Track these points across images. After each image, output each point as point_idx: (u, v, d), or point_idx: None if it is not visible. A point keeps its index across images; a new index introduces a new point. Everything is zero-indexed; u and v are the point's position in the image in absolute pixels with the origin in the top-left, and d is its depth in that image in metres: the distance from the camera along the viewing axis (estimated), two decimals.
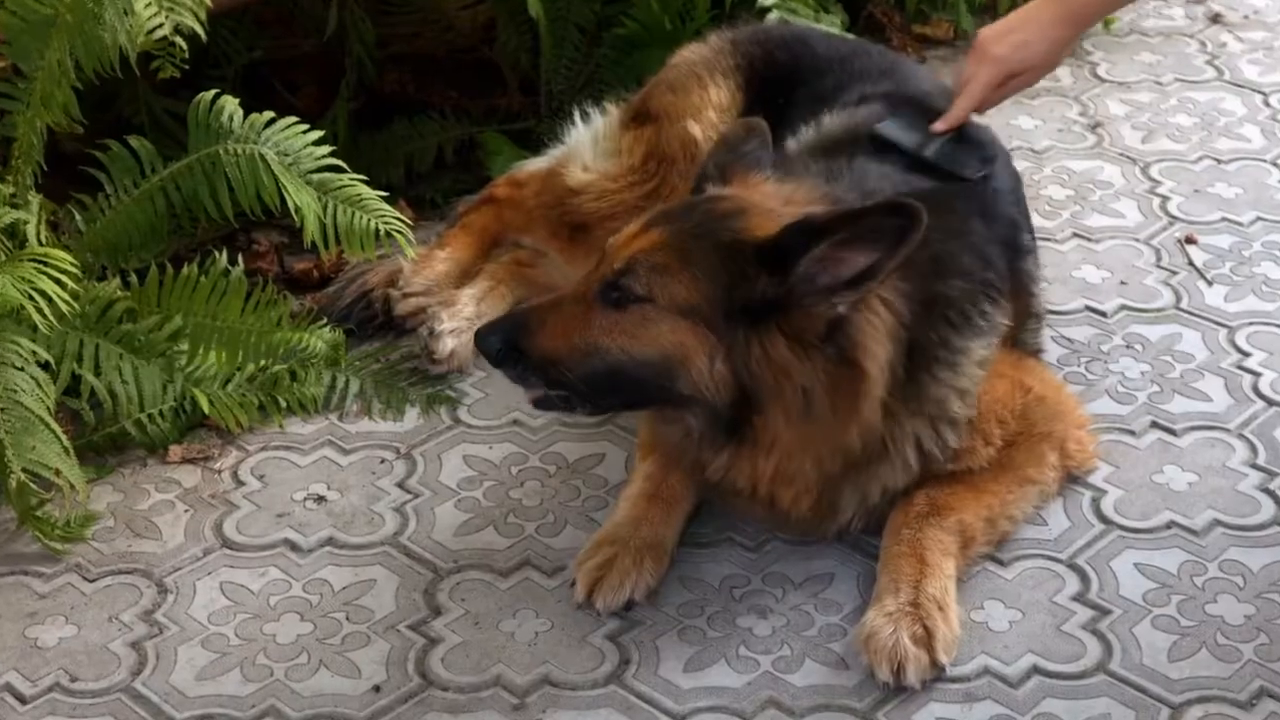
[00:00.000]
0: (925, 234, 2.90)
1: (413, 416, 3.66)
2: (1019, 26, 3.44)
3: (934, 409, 3.10)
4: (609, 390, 3.00)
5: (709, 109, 3.74)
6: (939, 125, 3.41)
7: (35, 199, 3.52)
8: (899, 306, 3.00)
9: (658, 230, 2.98)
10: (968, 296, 3.14)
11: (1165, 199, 4.32)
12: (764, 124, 3.23)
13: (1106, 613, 3.13)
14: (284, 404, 3.63)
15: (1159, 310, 3.92)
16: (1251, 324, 3.86)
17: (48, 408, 3.18)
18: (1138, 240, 4.17)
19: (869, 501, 3.16)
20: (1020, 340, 3.38)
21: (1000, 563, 3.23)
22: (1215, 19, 5.18)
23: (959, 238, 3.18)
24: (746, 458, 3.03)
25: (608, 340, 2.95)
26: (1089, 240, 4.17)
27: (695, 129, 3.72)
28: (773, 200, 3.05)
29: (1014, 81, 3.47)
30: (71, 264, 3.23)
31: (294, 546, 3.33)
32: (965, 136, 3.45)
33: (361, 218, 3.44)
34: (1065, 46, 3.46)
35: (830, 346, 2.92)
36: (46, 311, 3.13)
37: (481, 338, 3.04)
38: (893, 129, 3.38)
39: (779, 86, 3.72)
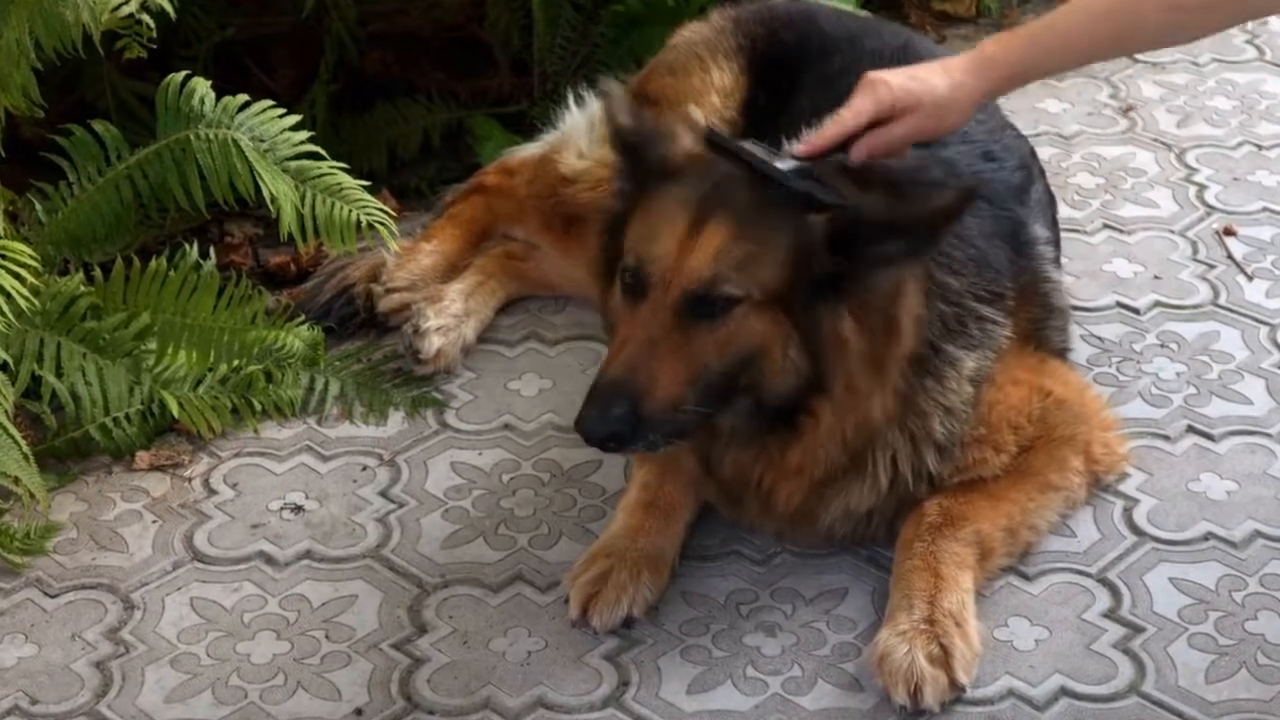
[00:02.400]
0: None
1: (397, 420, 3.67)
2: (920, 67, 3.20)
3: (915, 425, 3.13)
4: (711, 406, 2.97)
5: (711, 93, 3.75)
6: (799, 148, 3.15)
7: None
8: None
9: (721, 221, 2.94)
10: (962, 296, 3.16)
11: (1202, 188, 4.33)
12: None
13: (1139, 630, 3.13)
14: (259, 407, 3.64)
15: (1195, 307, 3.93)
16: None
17: (5, 411, 3.18)
18: (1173, 232, 4.18)
19: (834, 517, 3.19)
20: (1043, 339, 3.38)
21: (1025, 577, 3.24)
22: None
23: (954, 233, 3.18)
24: (778, 448, 3.06)
25: (712, 356, 2.94)
26: (1120, 232, 4.17)
27: (697, 114, 3.72)
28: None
29: (901, 123, 3.12)
30: (31, 257, 3.23)
31: (269, 560, 3.34)
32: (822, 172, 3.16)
33: (342, 208, 3.44)
34: (969, 93, 3.14)
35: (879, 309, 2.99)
36: (4, 308, 3.13)
37: (598, 430, 2.91)
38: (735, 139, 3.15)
39: (784, 68, 3.73)
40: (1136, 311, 3.91)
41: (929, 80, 3.13)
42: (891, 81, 3.12)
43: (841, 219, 2.95)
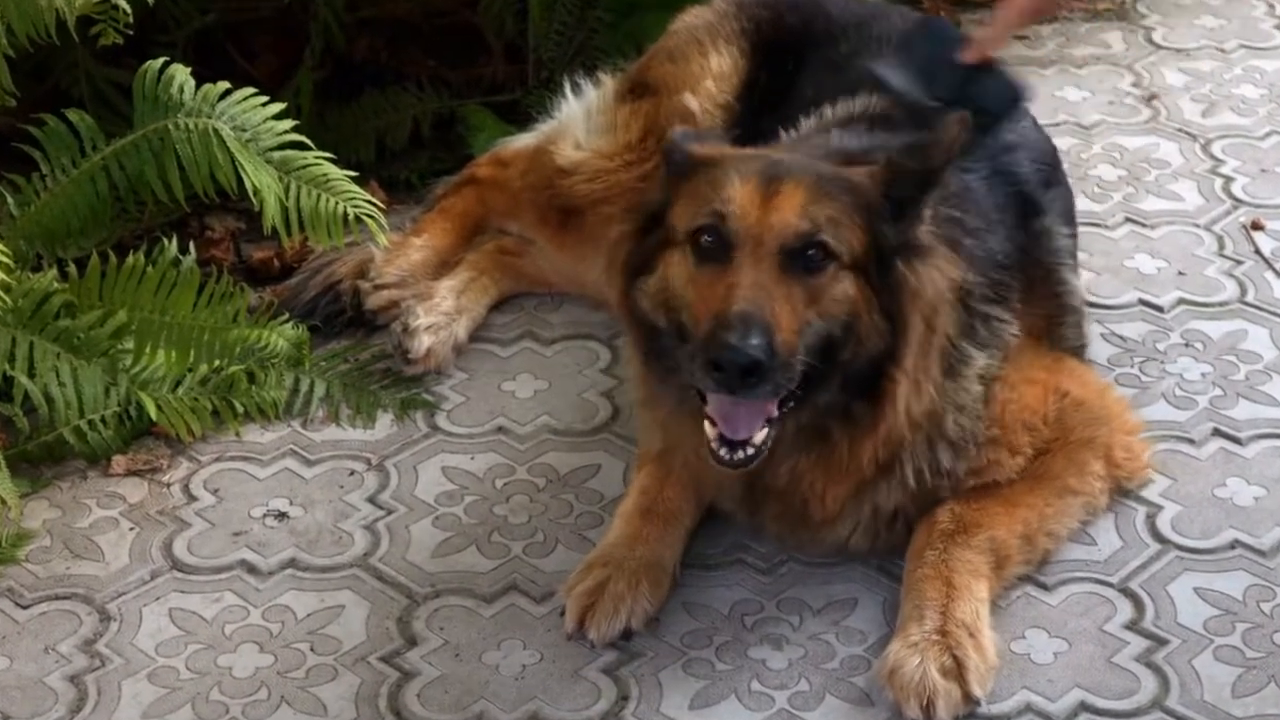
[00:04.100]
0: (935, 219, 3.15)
1: (385, 423, 3.67)
2: None
3: (929, 423, 3.14)
4: (806, 375, 2.98)
5: (707, 78, 3.76)
6: (969, 54, 3.30)
7: None
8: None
9: (797, 183, 3.01)
10: (969, 295, 3.17)
11: (1229, 180, 4.33)
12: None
13: (1163, 643, 3.13)
14: (241, 409, 3.64)
15: (1221, 304, 3.93)
16: None
17: None
18: (1198, 226, 4.18)
19: (862, 517, 3.20)
20: (1058, 337, 3.39)
21: (1044, 586, 3.24)
22: None
23: (962, 226, 3.21)
24: (845, 439, 3.09)
25: (810, 313, 2.98)
26: (1143, 226, 4.18)
27: (691, 102, 3.73)
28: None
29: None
30: (3, 253, 3.23)
31: (252, 569, 3.34)
32: (990, 72, 3.37)
33: (328, 201, 3.45)
34: None
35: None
36: None
37: (743, 356, 2.85)
38: (893, 75, 3.27)
39: (788, 52, 3.74)
40: (1160, 309, 3.91)
41: None
42: None
43: (887, 173, 3.03)
